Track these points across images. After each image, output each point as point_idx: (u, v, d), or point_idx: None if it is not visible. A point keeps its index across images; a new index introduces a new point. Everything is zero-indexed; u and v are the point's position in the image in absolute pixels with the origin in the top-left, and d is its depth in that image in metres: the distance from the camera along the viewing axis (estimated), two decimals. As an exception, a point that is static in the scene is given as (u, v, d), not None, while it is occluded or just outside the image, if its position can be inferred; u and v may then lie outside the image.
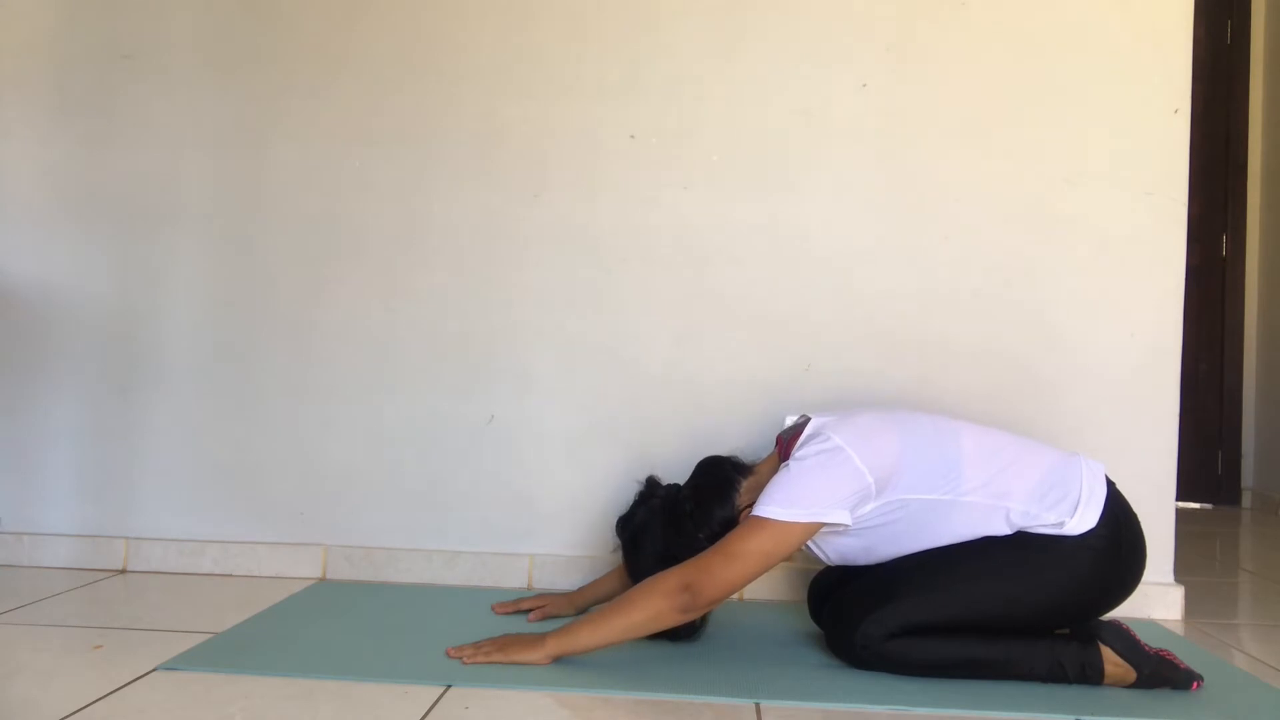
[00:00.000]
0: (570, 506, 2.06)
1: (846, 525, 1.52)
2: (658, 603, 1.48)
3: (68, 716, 1.28)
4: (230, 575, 2.10)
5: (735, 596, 2.03)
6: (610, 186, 2.08)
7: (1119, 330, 2.01)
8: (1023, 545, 1.53)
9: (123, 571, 2.11)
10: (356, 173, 2.12)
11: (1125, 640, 1.50)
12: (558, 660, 1.53)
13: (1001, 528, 1.54)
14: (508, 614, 1.82)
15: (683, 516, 1.61)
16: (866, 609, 1.53)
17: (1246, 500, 3.70)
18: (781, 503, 1.48)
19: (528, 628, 1.70)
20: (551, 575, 2.06)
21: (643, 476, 1.76)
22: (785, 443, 1.62)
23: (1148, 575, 1.97)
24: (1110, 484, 1.59)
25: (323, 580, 2.09)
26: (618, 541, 1.70)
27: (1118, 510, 1.56)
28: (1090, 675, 1.48)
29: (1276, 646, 1.81)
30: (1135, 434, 1.99)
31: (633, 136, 2.07)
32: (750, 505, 1.56)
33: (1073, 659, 1.49)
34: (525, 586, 2.06)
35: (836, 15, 2.05)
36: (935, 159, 2.03)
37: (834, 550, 1.60)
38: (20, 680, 1.44)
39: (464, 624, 1.74)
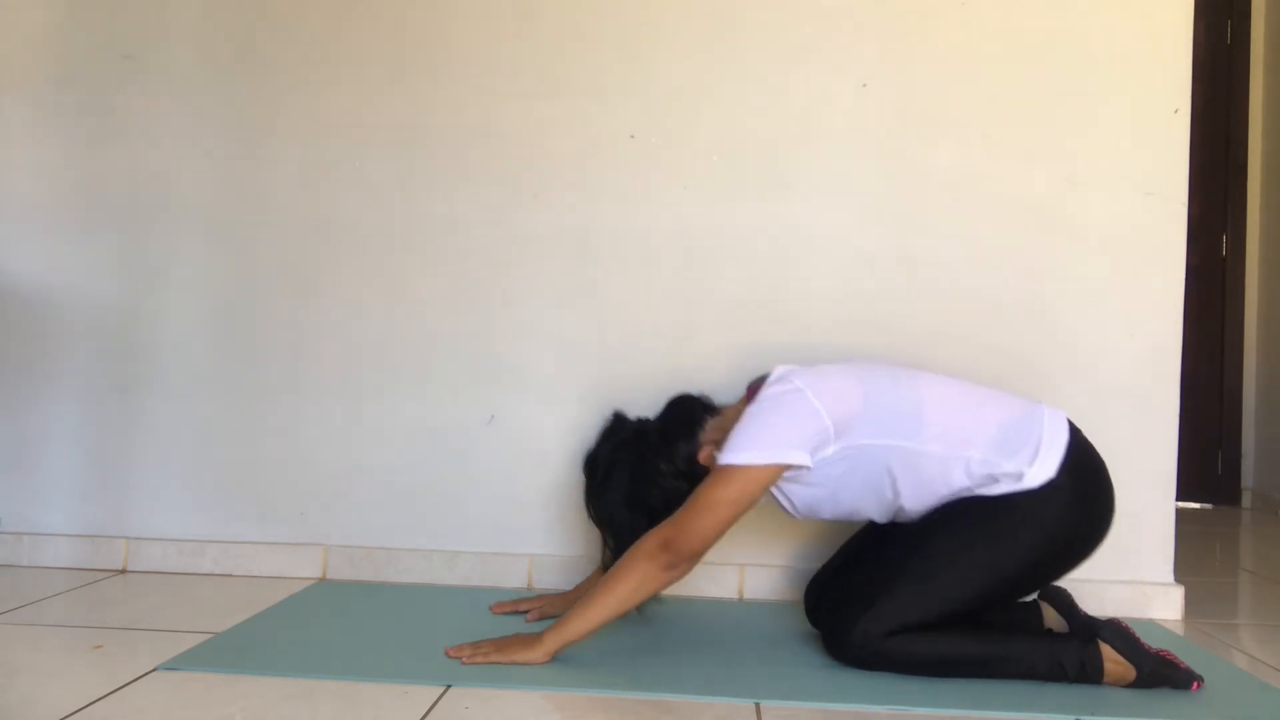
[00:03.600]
0: (570, 507, 2.06)
1: (807, 468, 1.53)
2: (641, 567, 1.50)
3: (68, 716, 1.28)
4: (230, 575, 2.10)
5: (735, 596, 2.03)
6: (610, 186, 2.08)
7: (1119, 330, 2.01)
8: (991, 513, 1.53)
9: (123, 571, 2.11)
10: (357, 173, 2.12)
11: (1125, 638, 1.50)
12: (557, 657, 1.53)
13: (961, 478, 1.55)
14: (506, 614, 1.83)
15: (647, 451, 1.63)
16: (861, 609, 1.52)
17: (1246, 500, 3.70)
18: (741, 448, 1.50)
19: (526, 628, 1.70)
20: (551, 575, 2.06)
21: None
22: (752, 388, 1.65)
23: (1148, 575, 2.00)
24: (1074, 431, 1.59)
25: (323, 580, 2.09)
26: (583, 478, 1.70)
27: (1080, 457, 1.56)
28: (1090, 673, 1.48)
29: (1276, 646, 1.81)
30: (1135, 434, 1.99)
31: (633, 136, 2.07)
32: (714, 443, 1.59)
33: (1072, 657, 1.49)
34: (525, 586, 2.06)
35: (836, 15, 2.05)
36: (935, 159, 2.03)
37: (800, 500, 1.62)
38: (20, 680, 1.44)
39: (464, 624, 1.74)
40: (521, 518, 2.08)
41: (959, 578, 1.52)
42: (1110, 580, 1.96)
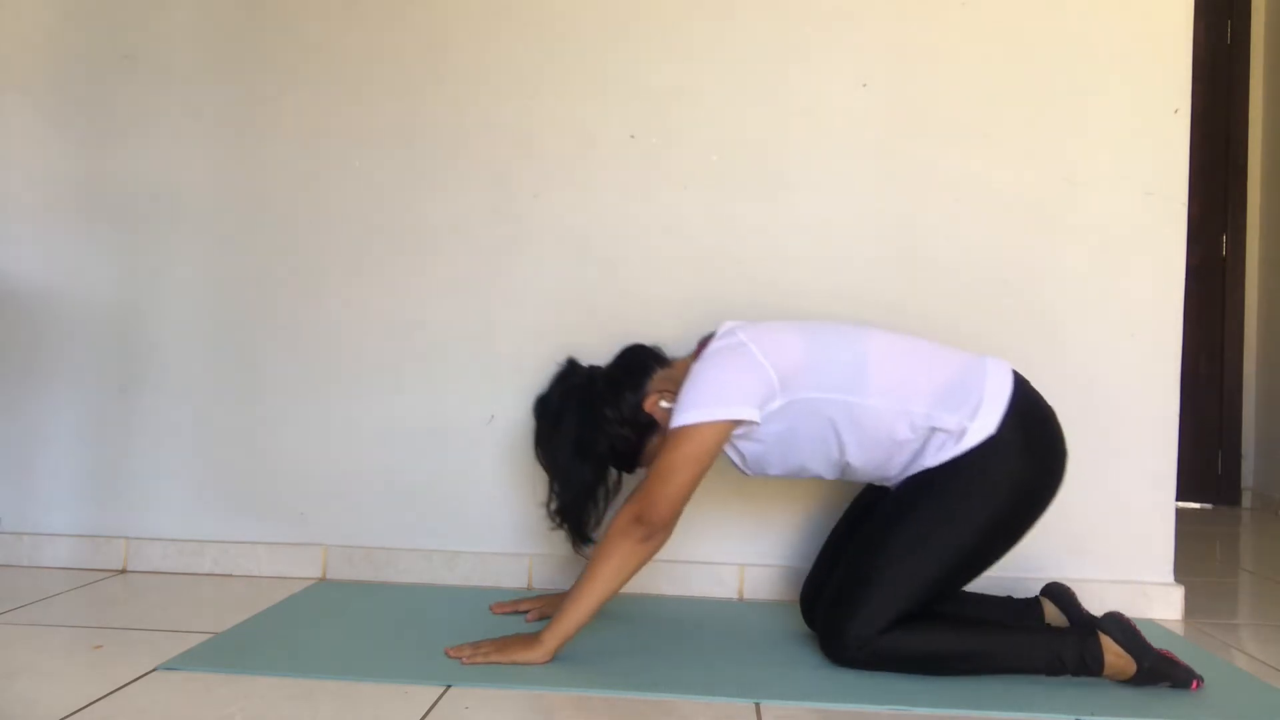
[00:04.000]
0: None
1: (756, 423, 1.54)
2: (619, 545, 1.53)
3: (68, 716, 1.28)
4: (230, 575, 2.10)
5: (735, 596, 2.03)
6: (610, 186, 2.08)
7: (1119, 330, 2.01)
8: (945, 485, 1.55)
9: (123, 571, 2.11)
10: (357, 172, 2.12)
11: (1127, 631, 1.50)
12: (557, 657, 1.53)
13: (905, 431, 1.55)
14: (506, 614, 1.83)
15: (596, 398, 1.64)
16: (848, 613, 1.53)
17: (1246, 500, 3.70)
18: (691, 406, 1.52)
19: (526, 628, 1.70)
20: (551, 575, 2.06)
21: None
22: (702, 343, 1.66)
23: (1148, 575, 1.99)
24: (1019, 382, 1.60)
25: (323, 580, 2.09)
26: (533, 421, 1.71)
27: (1025, 407, 1.57)
28: (1090, 666, 1.48)
29: (1276, 646, 1.81)
30: (1135, 434, 2.00)
31: (633, 136, 2.07)
32: (660, 393, 1.61)
33: (1071, 650, 1.48)
34: (525, 586, 2.06)
35: (836, 15, 2.05)
36: (935, 158, 2.03)
37: (750, 456, 1.63)
38: (20, 680, 1.44)
39: (464, 624, 1.74)
40: (521, 518, 2.08)
41: (931, 560, 1.52)
42: (1110, 580, 1.96)
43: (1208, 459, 3.69)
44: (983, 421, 1.53)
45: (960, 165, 2.03)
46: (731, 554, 2.06)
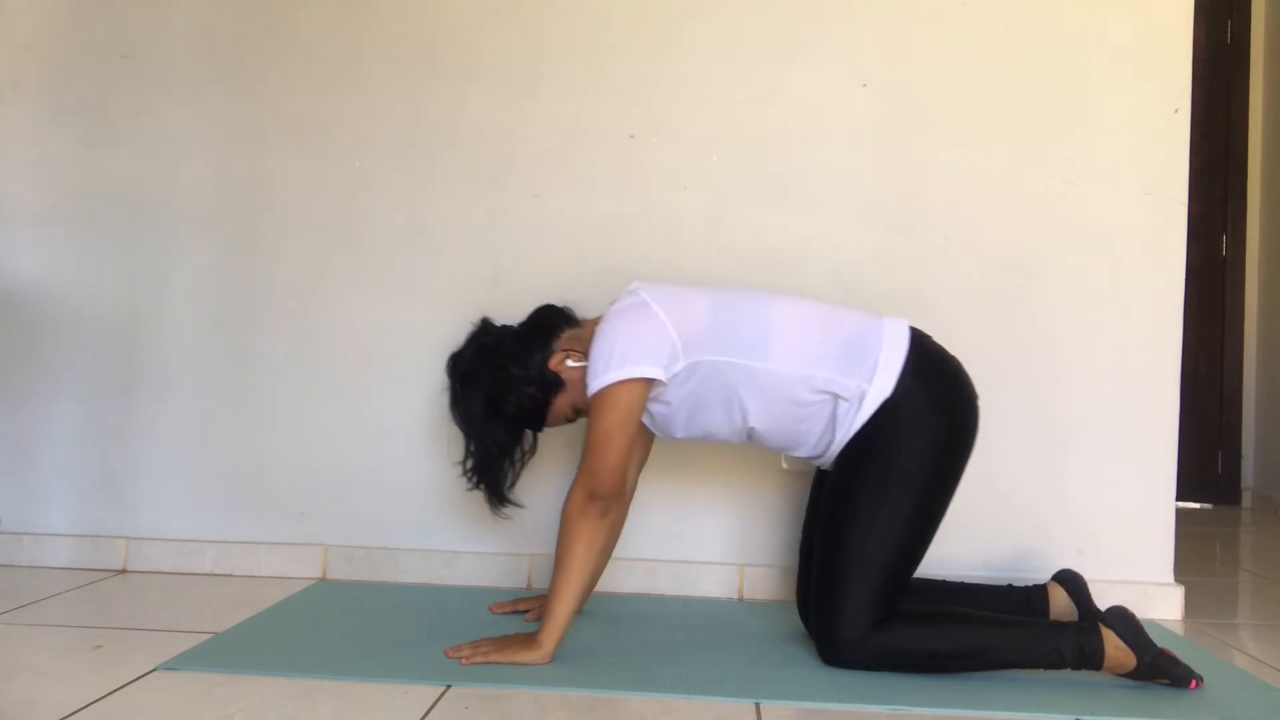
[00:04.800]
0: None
1: (662, 383, 1.56)
2: (581, 527, 1.54)
3: (68, 716, 1.28)
4: (230, 575, 2.10)
5: (735, 596, 2.03)
6: (610, 186, 2.08)
7: (1119, 330, 2.01)
8: (867, 462, 1.56)
9: (123, 571, 2.11)
10: (357, 173, 2.12)
11: (1129, 624, 1.49)
12: (557, 657, 1.53)
13: (804, 396, 1.57)
14: (505, 614, 1.83)
15: (504, 356, 1.65)
16: (831, 619, 1.53)
17: (1246, 500, 3.70)
18: (602, 371, 1.53)
19: (526, 628, 1.70)
20: (551, 575, 2.05)
21: (644, 482, 1.78)
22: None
23: (1148, 575, 1.99)
24: (915, 337, 1.61)
25: (323, 580, 2.09)
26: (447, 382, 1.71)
27: (922, 360, 1.58)
28: (1090, 659, 1.47)
29: (1276, 646, 1.81)
30: (1135, 434, 2.00)
31: (632, 136, 2.07)
32: (565, 352, 1.64)
33: (1070, 644, 1.48)
34: (525, 586, 2.06)
35: (836, 15, 2.05)
36: (935, 158, 2.03)
37: (658, 416, 1.64)
38: (20, 680, 1.44)
39: (464, 624, 1.74)
40: (520, 518, 2.07)
41: (885, 541, 1.54)
42: (1110, 580, 1.95)
43: (1208, 459, 3.69)
44: (880, 383, 1.55)
45: (960, 165, 2.03)
46: (731, 554, 2.06)
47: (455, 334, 2.08)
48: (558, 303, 1.76)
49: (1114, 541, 2.00)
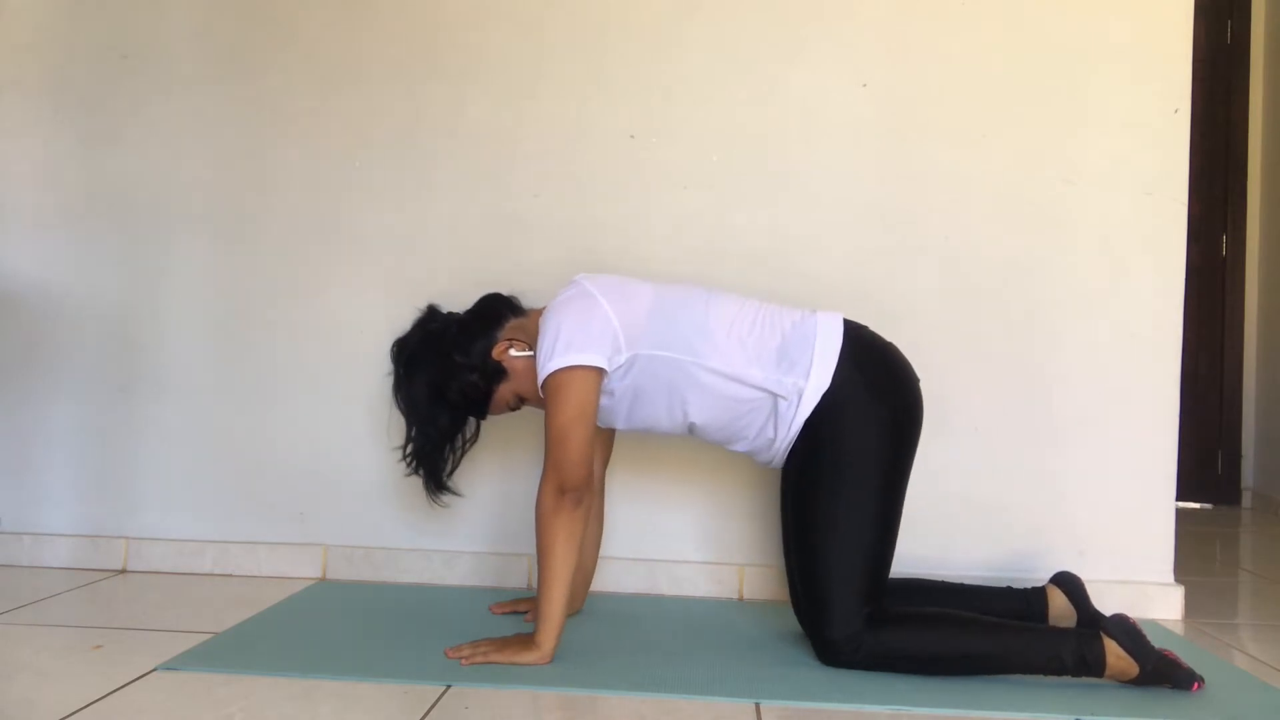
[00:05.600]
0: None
1: (605, 371, 1.56)
2: (556, 521, 1.54)
3: (68, 716, 1.28)
4: (230, 575, 2.10)
5: (735, 596, 2.03)
6: (610, 186, 2.08)
7: (1119, 330, 2.01)
8: (820, 457, 1.57)
9: (123, 571, 2.11)
10: (357, 173, 2.12)
11: (1131, 634, 1.49)
12: (557, 657, 1.53)
13: (745, 394, 1.58)
14: (505, 614, 1.83)
15: (448, 343, 1.65)
16: (823, 621, 1.54)
17: (1246, 500, 3.70)
18: (548, 359, 1.54)
19: (526, 628, 1.69)
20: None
21: (643, 482, 1.78)
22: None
23: (1148, 575, 1.99)
24: (850, 329, 1.62)
25: (323, 580, 2.09)
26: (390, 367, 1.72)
27: (856, 351, 1.59)
28: (1091, 667, 1.47)
29: (1276, 646, 1.81)
30: (1135, 434, 1.99)
31: (632, 136, 2.07)
32: (509, 341, 1.65)
33: (1071, 651, 1.48)
34: (525, 586, 2.06)
35: (836, 15, 2.05)
36: (935, 158, 2.03)
37: (603, 408, 1.64)
38: (20, 680, 1.44)
39: (464, 624, 1.74)
40: (522, 518, 2.07)
41: (854, 535, 1.54)
42: (1110, 580, 1.95)
43: (1208, 459, 3.69)
44: (817, 378, 1.56)
45: (960, 165, 2.03)
46: (731, 554, 2.06)
47: (455, 334, 2.09)
48: (505, 291, 1.76)
49: (1114, 542, 2.00)
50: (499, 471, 2.08)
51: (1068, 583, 1.74)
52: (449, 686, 1.43)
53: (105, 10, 2.17)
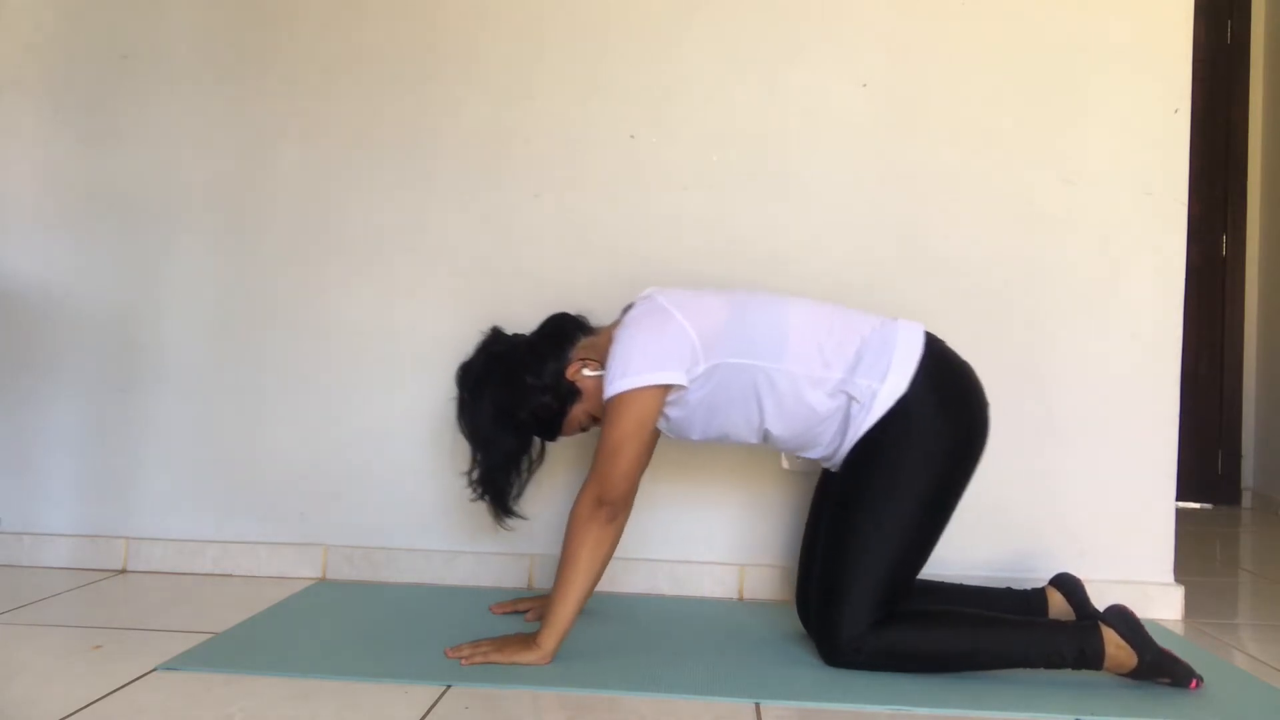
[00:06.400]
0: (570, 506, 2.06)
1: (684, 387, 1.55)
2: (587, 531, 1.53)
3: (68, 716, 1.28)
4: (230, 575, 2.10)
5: (735, 596, 2.03)
6: (610, 186, 2.08)
7: (1119, 330, 2.01)
8: (875, 461, 1.56)
9: (123, 571, 2.11)
10: (357, 173, 2.12)
11: (1130, 623, 1.49)
12: (557, 657, 1.53)
13: (822, 399, 1.57)
14: (505, 614, 1.83)
15: (518, 365, 1.63)
16: (834, 619, 1.53)
17: (1246, 500, 3.70)
18: (621, 375, 1.53)
19: (526, 627, 1.70)
20: (551, 575, 2.05)
21: (644, 482, 1.76)
22: (625, 313, 1.67)
23: (1148, 575, 1.99)
24: (930, 341, 1.61)
25: (323, 580, 2.09)
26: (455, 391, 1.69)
27: (936, 364, 1.58)
28: (1090, 659, 1.47)
29: (1276, 646, 1.81)
30: (1135, 434, 2.00)
31: (633, 136, 2.08)
32: (583, 361, 1.62)
33: (1070, 644, 1.48)
34: (525, 586, 2.06)
35: (836, 15, 2.05)
36: (935, 159, 2.03)
37: (675, 420, 1.63)
38: (20, 680, 1.44)
39: (464, 624, 1.74)
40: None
41: (889, 542, 1.53)
42: (1110, 580, 1.95)
43: (1208, 459, 3.69)
44: (892, 384, 1.55)
45: (960, 165, 2.03)
46: (731, 554, 2.06)
47: (456, 334, 2.09)
48: (570, 310, 1.74)
49: (1114, 542, 2.00)
50: (499, 471, 2.08)
51: (1067, 584, 1.74)
52: (449, 686, 1.43)
53: (105, 10, 2.17)
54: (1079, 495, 2.00)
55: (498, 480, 1.65)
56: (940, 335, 1.87)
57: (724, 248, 2.05)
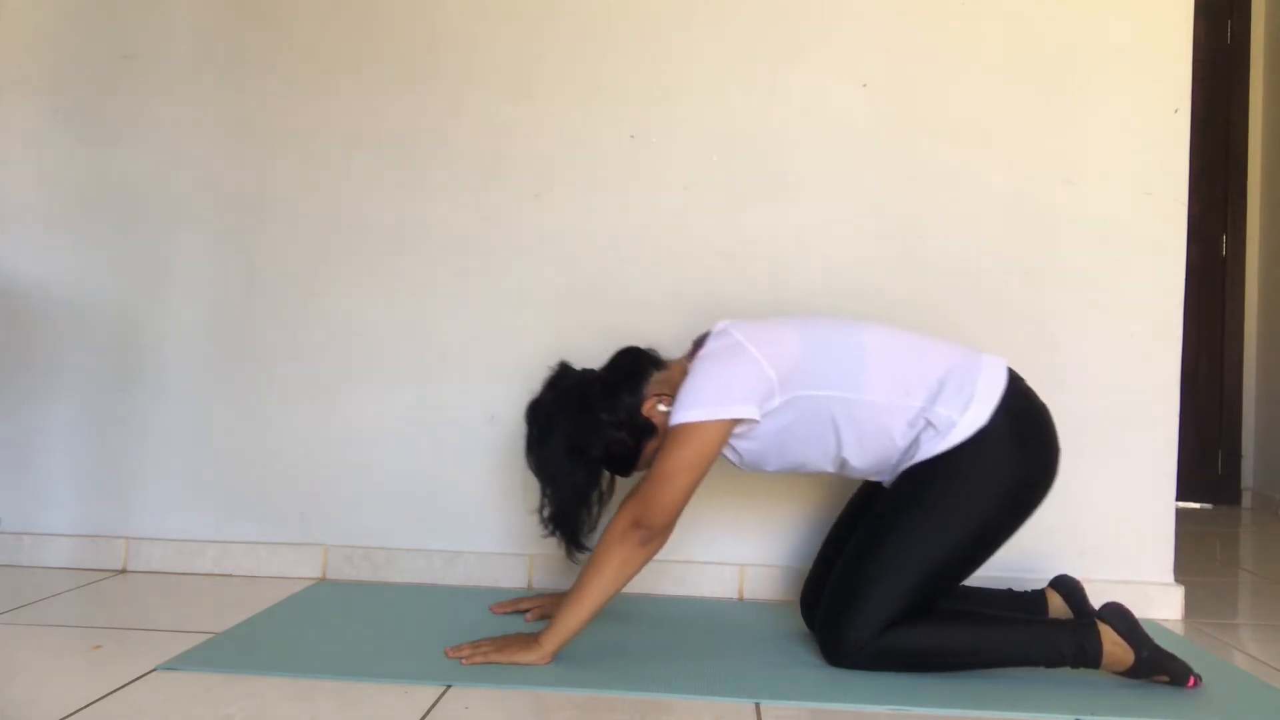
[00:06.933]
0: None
1: (755, 421, 1.54)
2: (618, 550, 1.51)
3: (68, 716, 1.28)
4: (230, 575, 2.10)
5: (735, 596, 2.03)
6: (610, 186, 2.08)
7: (1119, 330, 2.01)
8: (938, 482, 1.54)
9: (123, 571, 2.11)
10: (357, 173, 2.12)
11: (1126, 620, 1.50)
12: (557, 657, 1.53)
13: (902, 427, 1.56)
14: (506, 614, 1.83)
15: (592, 401, 1.62)
16: (846, 618, 1.52)
17: (1246, 500, 3.70)
18: (691, 405, 1.51)
19: (526, 627, 1.70)
20: (551, 575, 2.06)
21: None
22: (697, 344, 1.66)
23: (1148, 575, 1.99)
24: (1013, 378, 1.60)
25: (323, 580, 2.09)
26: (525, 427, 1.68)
27: (1017, 402, 1.57)
28: (1089, 656, 1.47)
29: (1276, 646, 1.81)
30: (1135, 434, 2.00)
31: (633, 137, 2.08)
32: (658, 396, 1.60)
33: (1069, 641, 1.48)
34: (525, 586, 2.06)
35: (836, 15, 2.05)
36: (935, 159, 2.03)
37: (747, 453, 1.62)
38: (20, 680, 1.44)
39: (464, 624, 1.74)
40: (521, 518, 2.07)
41: (926, 560, 1.52)
42: (1110, 580, 1.96)
43: (1208, 459, 3.69)
44: (973, 415, 1.53)
45: (960, 165, 2.03)
46: (731, 554, 2.06)
47: (456, 334, 2.10)
48: (641, 344, 1.72)
49: (1114, 541, 2.00)
50: (500, 471, 2.08)
51: (1066, 586, 1.74)
52: (449, 686, 1.43)
53: (105, 10, 2.17)
54: (1079, 495, 2.00)
55: (570, 516, 1.61)
56: (940, 335, 1.88)
57: (724, 247, 2.05)
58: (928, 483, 1.55)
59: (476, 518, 2.09)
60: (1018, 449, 1.56)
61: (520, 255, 2.09)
